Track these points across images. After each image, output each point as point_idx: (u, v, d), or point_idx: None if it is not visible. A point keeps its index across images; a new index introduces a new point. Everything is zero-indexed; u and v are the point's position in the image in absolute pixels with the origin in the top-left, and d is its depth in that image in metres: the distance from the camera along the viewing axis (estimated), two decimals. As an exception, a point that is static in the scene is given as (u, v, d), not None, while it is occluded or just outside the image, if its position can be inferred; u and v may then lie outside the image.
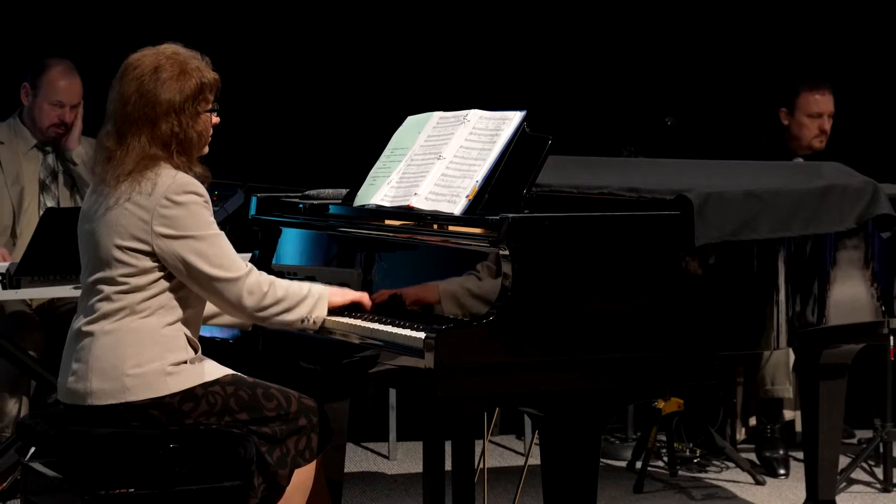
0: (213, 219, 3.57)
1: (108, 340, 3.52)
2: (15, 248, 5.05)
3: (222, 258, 3.54)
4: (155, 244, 3.51)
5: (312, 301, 3.64)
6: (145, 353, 3.52)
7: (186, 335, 3.59)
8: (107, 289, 3.54)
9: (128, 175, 3.52)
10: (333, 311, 3.70)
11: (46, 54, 5.43)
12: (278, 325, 3.65)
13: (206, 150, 3.68)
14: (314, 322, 3.65)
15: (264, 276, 3.60)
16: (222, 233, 3.57)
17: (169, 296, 3.56)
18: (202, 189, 3.56)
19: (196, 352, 3.63)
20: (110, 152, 3.57)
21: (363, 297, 3.74)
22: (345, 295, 3.72)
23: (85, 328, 3.56)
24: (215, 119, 3.66)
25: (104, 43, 6.01)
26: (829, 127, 5.96)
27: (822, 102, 5.95)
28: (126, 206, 3.52)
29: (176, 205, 3.51)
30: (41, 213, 5.16)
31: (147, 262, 3.52)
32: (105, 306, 3.54)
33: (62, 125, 5.23)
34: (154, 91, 3.55)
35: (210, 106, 3.63)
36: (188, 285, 3.55)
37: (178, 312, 3.57)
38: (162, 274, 3.54)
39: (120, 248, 3.52)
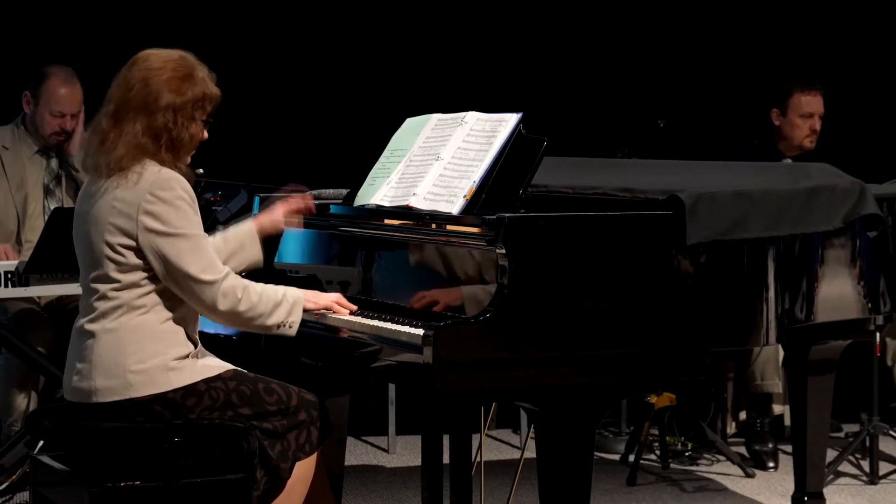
0: (198, 219, 3.55)
1: (110, 339, 3.52)
2: (20, 254, 5.00)
3: (202, 260, 3.51)
4: (140, 237, 3.49)
5: (288, 306, 3.61)
6: (147, 349, 3.51)
7: (185, 331, 3.58)
8: (102, 287, 3.53)
9: (118, 163, 3.51)
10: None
11: (49, 57, 5.40)
12: (256, 330, 3.62)
13: (189, 160, 3.65)
14: (289, 326, 3.62)
15: (239, 281, 3.56)
16: (205, 234, 3.56)
17: (164, 291, 3.55)
18: (188, 186, 3.54)
19: (195, 346, 3.62)
20: (104, 135, 3.56)
21: (333, 304, 3.71)
22: (318, 301, 3.70)
23: (87, 327, 3.55)
24: (204, 134, 3.66)
25: (105, 46, 6.00)
26: (819, 127, 5.98)
27: (814, 103, 5.97)
28: (112, 201, 3.51)
29: (161, 201, 3.49)
30: (46, 217, 5.14)
31: (135, 259, 3.51)
32: (103, 305, 3.53)
33: (63, 133, 5.19)
34: (159, 84, 3.56)
35: (206, 117, 3.63)
36: (166, 283, 3.53)
37: (176, 308, 3.56)
38: (153, 270, 3.54)
39: (109, 244, 3.51)
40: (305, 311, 3.66)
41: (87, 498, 3.44)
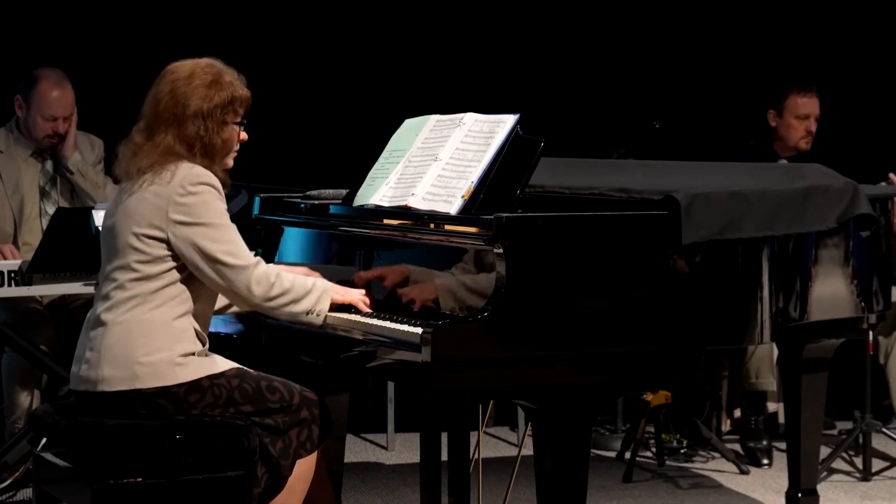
0: (226, 210, 3.59)
1: (120, 330, 3.53)
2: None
3: (233, 247, 3.55)
4: (169, 231, 3.52)
5: (317, 294, 3.65)
6: (155, 342, 3.52)
7: (195, 328, 3.60)
8: (121, 276, 3.55)
9: (150, 166, 3.55)
10: (333, 307, 3.70)
11: (41, 58, 5.37)
12: (285, 316, 3.65)
13: (231, 162, 3.69)
14: (317, 314, 3.65)
15: (272, 268, 3.62)
16: (233, 225, 3.59)
17: (179, 287, 3.56)
18: (217, 182, 3.58)
19: (204, 345, 3.63)
20: (137, 147, 3.61)
21: (359, 301, 3.72)
22: (346, 294, 3.72)
23: (100, 318, 3.57)
24: (243, 135, 3.69)
25: (96, 48, 6.00)
26: (814, 129, 5.98)
27: (810, 105, 5.97)
28: (145, 194, 3.55)
29: (191, 194, 3.53)
30: (42, 219, 5.13)
31: (160, 251, 3.53)
32: (118, 294, 3.55)
33: (56, 136, 5.18)
34: (185, 94, 3.59)
35: (238, 119, 3.66)
36: (198, 275, 3.55)
37: (188, 305, 3.58)
38: (174, 264, 3.56)
39: (136, 234, 3.54)
40: (333, 302, 3.67)
41: (90, 494, 3.45)
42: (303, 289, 3.63)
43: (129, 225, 3.55)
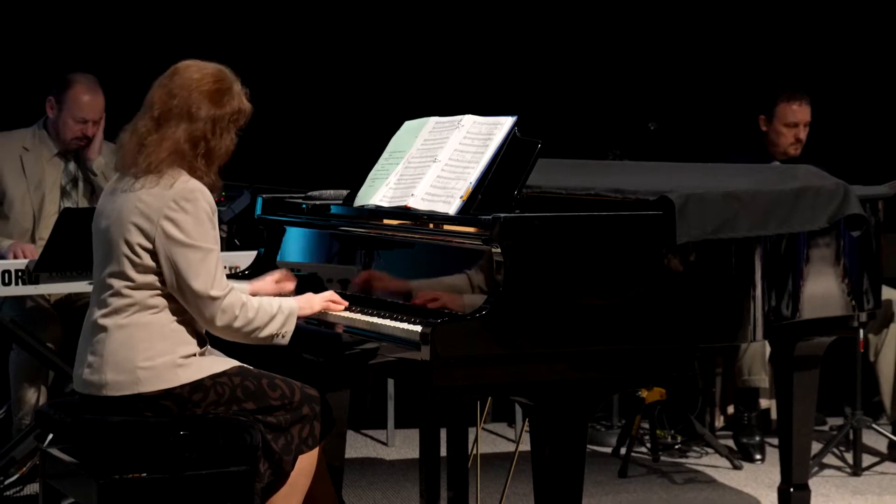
0: (215, 233, 3.56)
1: (122, 335, 3.52)
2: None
3: (209, 274, 3.51)
4: (157, 241, 3.50)
5: (282, 318, 3.62)
6: (156, 347, 3.52)
7: (196, 330, 3.59)
8: (117, 283, 3.54)
9: (157, 165, 3.53)
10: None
11: (70, 61, 5.38)
12: (250, 342, 3.62)
13: (220, 167, 3.68)
14: (283, 336, 3.63)
15: (238, 298, 3.57)
16: (217, 250, 3.56)
17: (176, 293, 3.56)
18: (211, 200, 3.56)
19: (204, 345, 3.63)
20: (143, 137, 3.56)
21: (329, 304, 3.72)
22: (313, 305, 3.71)
23: (100, 322, 3.56)
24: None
25: (124, 53, 6.01)
26: (804, 136, 5.92)
27: (799, 112, 5.92)
28: (136, 202, 3.52)
29: (184, 210, 3.50)
30: None
31: (150, 261, 3.52)
32: (117, 301, 3.54)
33: (84, 138, 5.20)
34: (201, 95, 3.57)
35: (238, 130, 3.65)
36: (171, 291, 3.53)
37: (187, 309, 3.56)
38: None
39: (128, 243, 3.52)
40: (301, 317, 3.67)
41: (95, 489, 3.45)
42: (267, 315, 3.59)
43: (122, 231, 3.53)
